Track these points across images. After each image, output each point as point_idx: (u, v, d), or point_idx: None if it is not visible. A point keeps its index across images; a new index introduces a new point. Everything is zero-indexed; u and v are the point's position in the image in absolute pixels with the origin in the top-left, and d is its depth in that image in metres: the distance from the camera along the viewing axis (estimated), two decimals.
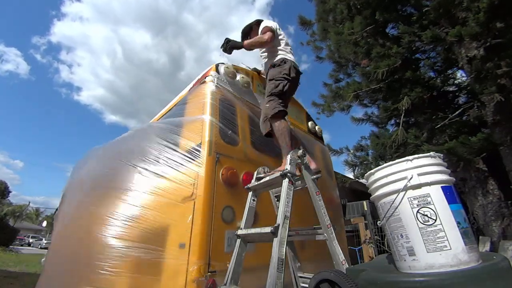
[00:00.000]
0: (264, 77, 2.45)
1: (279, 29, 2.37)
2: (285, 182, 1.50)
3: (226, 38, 2.31)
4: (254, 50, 2.40)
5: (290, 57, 2.23)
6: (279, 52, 2.25)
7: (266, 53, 2.38)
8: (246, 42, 2.28)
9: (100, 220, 1.96)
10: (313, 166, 1.73)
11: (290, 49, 2.34)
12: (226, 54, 2.32)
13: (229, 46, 2.28)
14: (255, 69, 2.83)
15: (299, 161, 1.62)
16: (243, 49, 2.31)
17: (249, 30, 2.57)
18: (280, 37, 2.33)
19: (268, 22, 2.35)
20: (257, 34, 2.36)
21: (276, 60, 2.21)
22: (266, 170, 1.83)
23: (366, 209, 7.47)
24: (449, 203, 1.04)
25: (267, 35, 2.22)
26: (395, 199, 1.10)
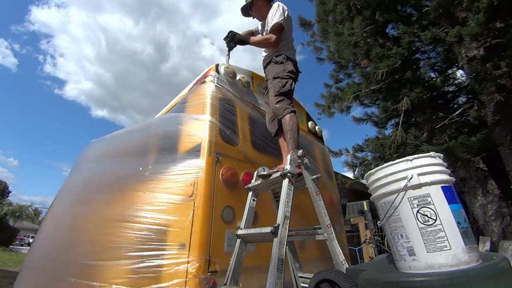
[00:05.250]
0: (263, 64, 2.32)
1: (288, 16, 2.19)
2: (285, 182, 1.50)
3: (233, 32, 2.19)
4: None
5: (292, 54, 2.17)
6: (282, 48, 2.16)
7: None
8: (252, 40, 2.18)
9: (99, 221, 1.96)
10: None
11: (293, 42, 2.25)
12: (227, 47, 2.24)
13: (236, 40, 2.17)
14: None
15: (299, 161, 1.62)
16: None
17: (251, 5, 2.34)
18: (289, 26, 2.21)
19: (277, 15, 2.10)
20: (261, 11, 2.27)
21: (278, 56, 2.12)
22: (265, 170, 1.84)
23: (366, 209, 7.46)
24: (449, 203, 1.04)
25: (275, 36, 2.08)
26: (395, 199, 1.10)
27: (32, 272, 2.36)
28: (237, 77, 2.47)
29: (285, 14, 2.15)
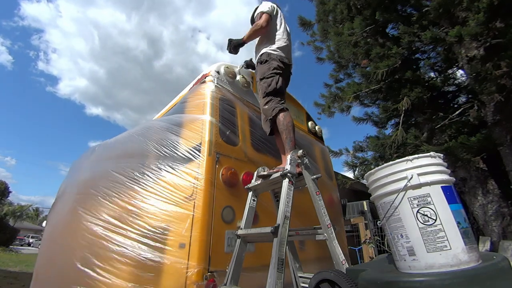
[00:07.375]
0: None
1: (276, 11, 2.24)
2: (285, 182, 1.50)
3: (229, 39, 2.26)
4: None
5: (275, 50, 2.10)
6: (264, 45, 2.15)
7: (256, 45, 2.30)
8: (246, 36, 2.19)
9: (100, 223, 1.96)
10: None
11: (284, 34, 2.19)
12: (232, 54, 2.28)
13: (232, 46, 2.23)
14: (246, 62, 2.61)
15: (299, 161, 1.62)
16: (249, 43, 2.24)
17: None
18: (277, 21, 2.22)
19: (263, 6, 2.21)
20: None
21: (262, 55, 2.10)
22: (266, 170, 1.83)
23: (366, 209, 7.46)
24: (449, 203, 1.04)
25: (262, 19, 2.11)
26: (395, 199, 1.10)
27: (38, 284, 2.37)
28: (237, 77, 2.47)
29: (270, 6, 2.20)
